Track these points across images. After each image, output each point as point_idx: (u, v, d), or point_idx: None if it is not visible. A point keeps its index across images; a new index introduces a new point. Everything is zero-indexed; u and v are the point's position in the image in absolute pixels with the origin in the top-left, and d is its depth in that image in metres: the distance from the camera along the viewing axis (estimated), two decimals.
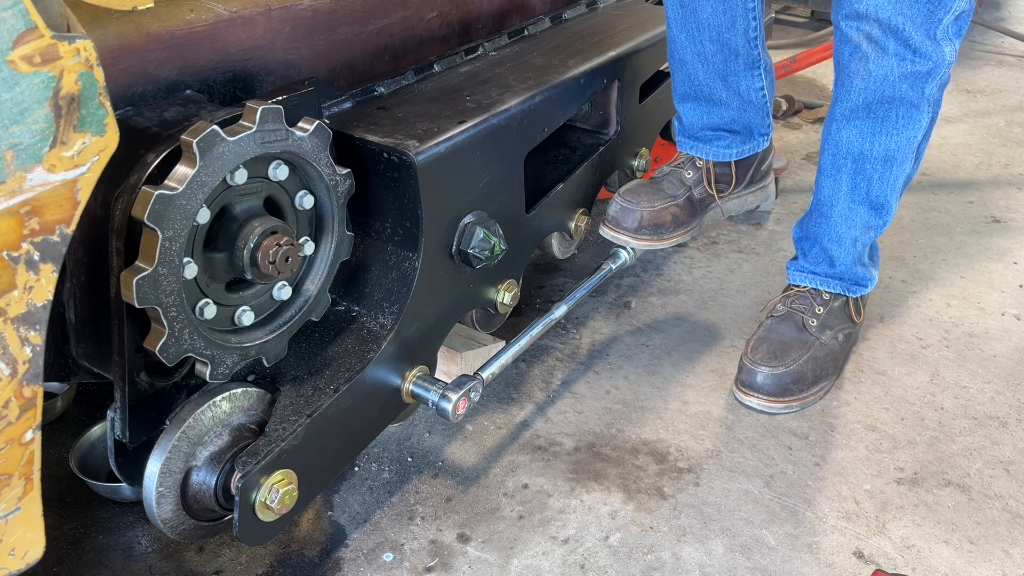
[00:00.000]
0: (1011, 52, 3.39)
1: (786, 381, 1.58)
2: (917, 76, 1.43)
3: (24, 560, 0.86)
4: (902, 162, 1.53)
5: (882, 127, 1.49)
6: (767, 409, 1.59)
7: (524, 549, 1.31)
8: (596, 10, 1.76)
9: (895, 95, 1.45)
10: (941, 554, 1.32)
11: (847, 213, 1.60)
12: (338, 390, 1.12)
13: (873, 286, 1.72)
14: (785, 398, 1.59)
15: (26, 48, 0.71)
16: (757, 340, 1.65)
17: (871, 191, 1.57)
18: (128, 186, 0.94)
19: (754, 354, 1.62)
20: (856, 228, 1.61)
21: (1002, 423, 1.57)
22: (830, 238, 1.64)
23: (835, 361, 1.65)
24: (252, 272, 1.01)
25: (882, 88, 1.45)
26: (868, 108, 1.48)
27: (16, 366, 0.78)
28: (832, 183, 1.59)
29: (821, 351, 1.63)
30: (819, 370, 1.62)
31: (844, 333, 1.68)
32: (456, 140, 1.19)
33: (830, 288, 1.68)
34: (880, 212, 1.59)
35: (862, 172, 1.55)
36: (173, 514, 1.06)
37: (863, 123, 1.50)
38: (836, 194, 1.59)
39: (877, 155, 1.53)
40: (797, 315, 1.67)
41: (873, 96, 1.47)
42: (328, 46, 1.28)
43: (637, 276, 1.98)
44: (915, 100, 1.46)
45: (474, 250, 1.24)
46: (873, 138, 1.51)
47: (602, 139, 1.62)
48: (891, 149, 1.51)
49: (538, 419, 1.57)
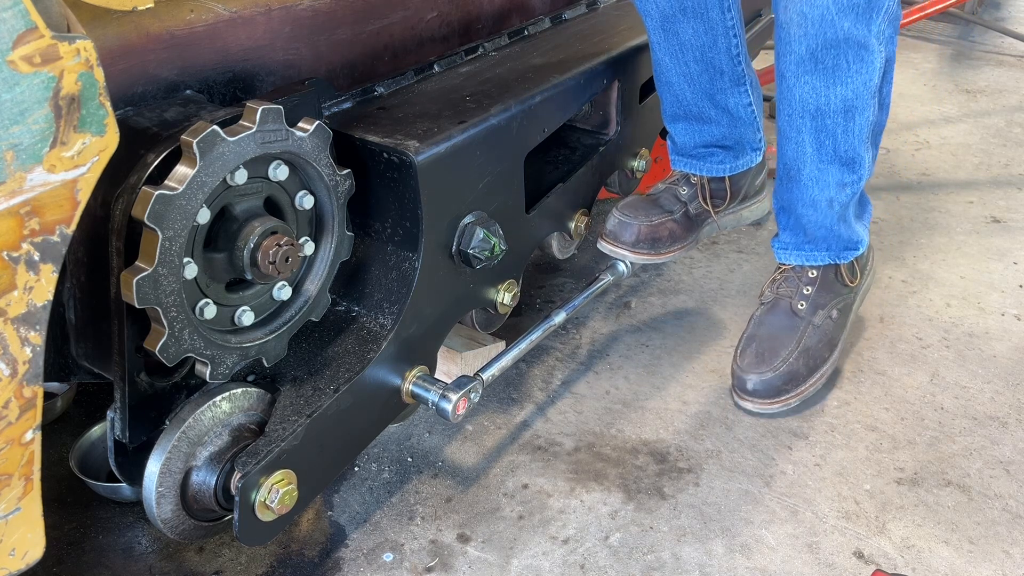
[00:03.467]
0: (1011, 52, 3.39)
1: (777, 383, 1.56)
2: (858, 10, 1.32)
3: (24, 560, 0.86)
4: (863, 110, 1.44)
5: (834, 76, 1.39)
6: (764, 411, 1.57)
7: (524, 549, 1.31)
8: (596, 10, 1.76)
9: (839, 36, 1.34)
10: (941, 554, 1.32)
11: (816, 175, 1.51)
12: (338, 390, 1.12)
13: (865, 247, 1.65)
14: (780, 398, 1.57)
15: (26, 48, 0.71)
16: (746, 339, 1.62)
17: (837, 147, 1.47)
18: (128, 186, 0.94)
19: (742, 359, 1.59)
20: (830, 188, 1.52)
21: (1002, 423, 1.57)
22: (804, 203, 1.55)
23: (830, 343, 1.61)
24: (252, 272, 1.02)
25: (823, 31, 1.34)
26: (814, 57, 1.38)
27: (16, 366, 0.78)
28: (794, 145, 1.50)
29: (813, 337, 1.59)
30: (812, 361, 1.59)
31: (837, 308, 1.62)
32: (456, 140, 1.19)
33: (816, 261, 1.61)
34: (852, 167, 1.50)
35: (824, 128, 1.45)
36: (173, 514, 1.06)
37: (812, 76, 1.40)
38: (801, 156, 1.50)
39: (835, 107, 1.42)
40: (784, 300, 1.62)
41: (815, 42, 1.36)
42: (328, 46, 1.28)
43: (637, 276, 1.98)
44: (862, 39, 1.35)
45: (474, 250, 1.24)
46: (827, 90, 1.41)
47: (602, 139, 1.62)
48: (848, 98, 1.41)
49: (538, 419, 1.57)
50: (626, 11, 1.76)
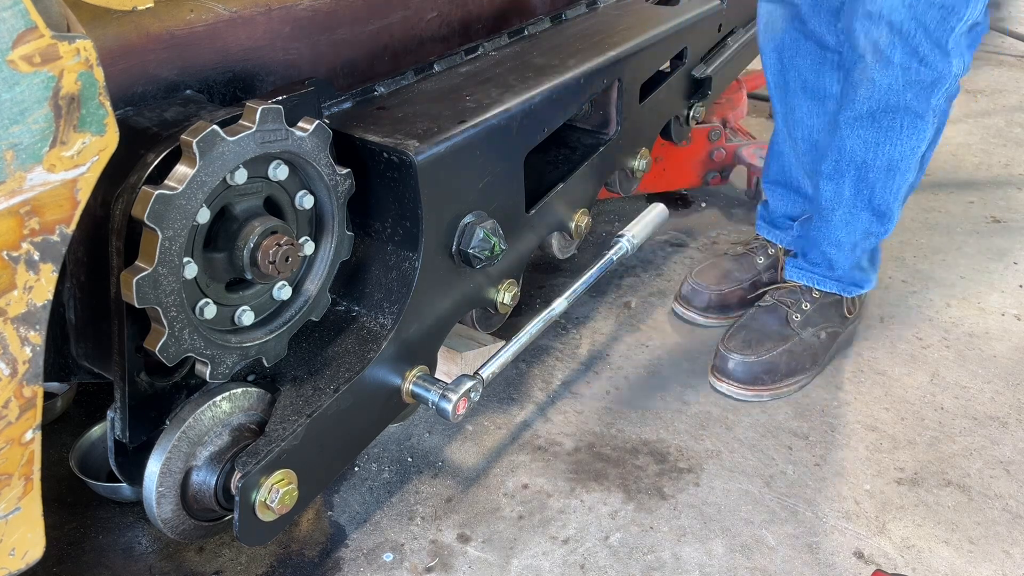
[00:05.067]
0: (1011, 52, 3.39)
1: (757, 371, 1.61)
2: (922, 86, 1.43)
3: (24, 560, 0.86)
4: (905, 171, 1.54)
5: (886, 137, 1.50)
6: (736, 395, 1.61)
7: (524, 549, 1.31)
8: (596, 10, 1.76)
9: (900, 104, 1.46)
10: (941, 554, 1.32)
11: (848, 219, 1.61)
12: (338, 390, 1.12)
13: (870, 287, 1.73)
14: (755, 386, 1.61)
15: (26, 48, 0.71)
16: (736, 327, 1.68)
17: (873, 198, 1.57)
18: (128, 186, 0.94)
19: (729, 341, 1.65)
20: (857, 234, 1.62)
21: (1002, 423, 1.57)
22: (830, 242, 1.65)
23: (813, 357, 1.66)
24: (252, 272, 1.01)
25: (887, 97, 1.46)
26: (872, 117, 1.49)
27: (16, 366, 0.78)
28: (834, 188, 1.60)
29: (799, 346, 1.64)
30: (794, 363, 1.63)
31: (828, 331, 1.68)
32: (456, 140, 1.19)
33: (824, 287, 1.69)
34: (882, 219, 1.60)
35: (865, 180, 1.56)
36: (173, 514, 1.06)
37: (867, 132, 1.51)
38: (838, 199, 1.60)
39: (880, 164, 1.53)
40: (782, 308, 1.69)
41: (877, 105, 1.47)
42: (328, 46, 1.28)
43: (637, 276, 1.98)
44: (920, 110, 1.46)
45: (474, 250, 1.24)
46: (877, 147, 1.52)
47: (602, 139, 1.62)
48: (895, 158, 1.52)
49: (538, 419, 1.56)
50: (626, 11, 1.76)
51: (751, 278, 1.82)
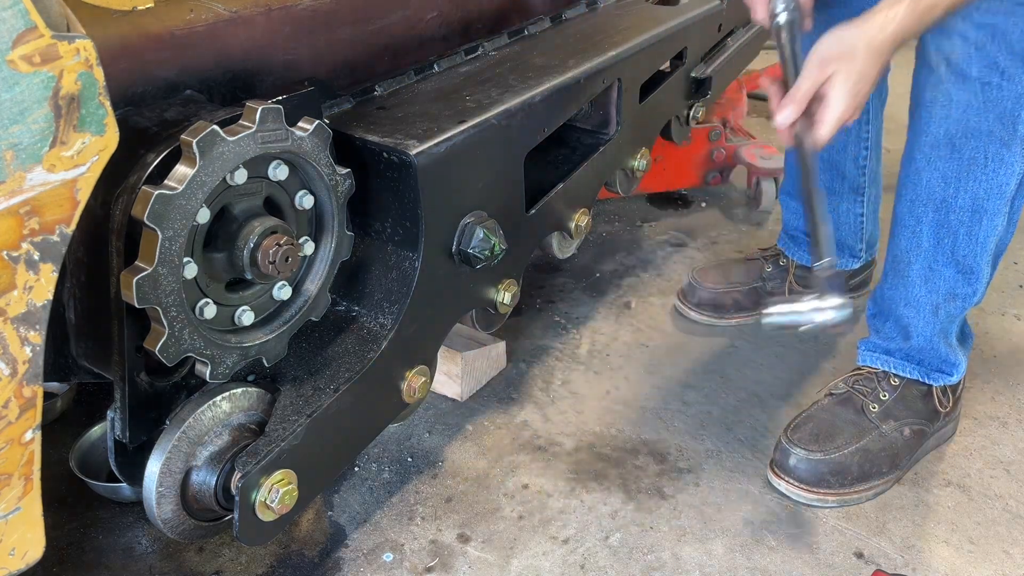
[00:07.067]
0: None
1: (823, 470, 1.39)
2: (1003, 110, 1.25)
3: (24, 560, 0.86)
4: (992, 215, 1.33)
5: (969, 169, 1.30)
6: (797, 497, 1.40)
7: (524, 549, 1.31)
8: (596, 10, 1.76)
9: (982, 128, 1.27)
10: (941, 554, 1.32)
11: (927, 273, 1.39)
12: (338, 390, 1.12)
13: (960, 376, 1.48)
14: (820, 489, 1.39)
15: (26, 48, 0.72)
16: (804, 418, 1.46)
17: (957, 248, 1.36)
18: (128, 186, 0.94)
19: (794, 433, 1.43)
20: (938, 293, 1.40)
21: (1002, 423, 1.57)
22: (907, 302, 1.43)
23: (893, 459, 1.42)
24: (252, 272, 1.01)
25: (967, 116, 1.27)
26: (951, 143, 1.30)
27: (16, 366, 0.78)
28: (910, 235, 1.39)
29: (877, 443, 1.41)
30: (868, 465, 1.40)
31: (913, 428, 1.44)
32: (456, 140, 1.19)
33: (902, 371, 1.46)
34: (969, 277, 1.38)
35: (946, 224, 1.35)
36: (173, 514, 1.06)
37: (946, 163, 1.32)
38: (915, 249, 1.39)
39: (963, 204, 1.33)
40: (857, 398, 1.46)
41: (957, 127, 1.29)
42: (328, 46, 1.28)
43: (637, 276, 1.98)
44: (1006, 138, 1.27)
45: (474, 250, 1.24)
46: (958, 182, 1.32)
47: (602, 139, 1.62)
48: (979, 197, 1.32)
49: (538, 419, 1.56)
50: (626, 11, 1.76)
51: (751, 284, 1.80)
